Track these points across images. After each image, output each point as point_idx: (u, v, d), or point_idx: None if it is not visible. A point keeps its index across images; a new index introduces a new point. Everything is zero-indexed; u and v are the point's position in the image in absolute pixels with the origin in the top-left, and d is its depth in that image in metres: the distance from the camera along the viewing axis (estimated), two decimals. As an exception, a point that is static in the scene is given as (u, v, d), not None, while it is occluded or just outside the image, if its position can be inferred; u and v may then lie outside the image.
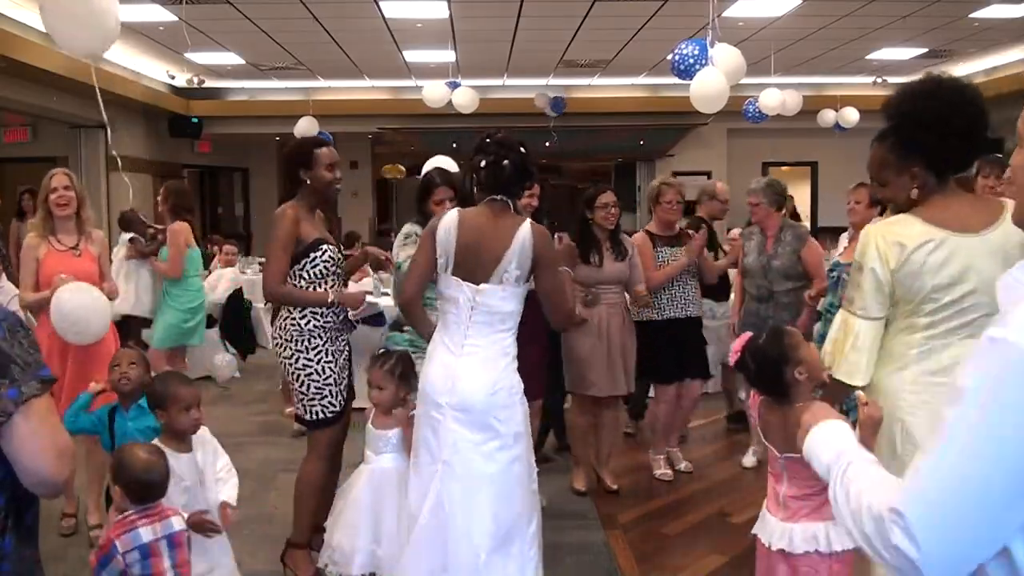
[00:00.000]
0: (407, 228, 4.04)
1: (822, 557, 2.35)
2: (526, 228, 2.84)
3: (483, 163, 2.92)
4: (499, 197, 2.93)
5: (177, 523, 2.57)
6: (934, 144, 2.25)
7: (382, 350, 3.43)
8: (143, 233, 6.16)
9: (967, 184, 3.91)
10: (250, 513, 4.50)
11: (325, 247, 3.54)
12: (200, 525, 2.70)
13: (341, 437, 3.69)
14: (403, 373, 3.33)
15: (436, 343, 2.96)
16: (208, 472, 2.96)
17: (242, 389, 7.30)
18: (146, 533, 2.47)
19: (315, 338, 3.51)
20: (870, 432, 2.25)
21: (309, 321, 3.51)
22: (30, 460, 1.50)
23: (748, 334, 2.66)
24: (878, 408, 2.24)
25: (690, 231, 5.08)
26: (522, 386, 2.95)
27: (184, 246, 5.66)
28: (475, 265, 2.86)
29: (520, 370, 2.97)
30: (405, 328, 3.90)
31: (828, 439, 1.42)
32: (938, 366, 2.23)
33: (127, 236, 6.25)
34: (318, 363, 3.51)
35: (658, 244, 4.91)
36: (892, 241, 2.27)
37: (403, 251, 3.92)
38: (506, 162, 2.89)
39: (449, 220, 2.91)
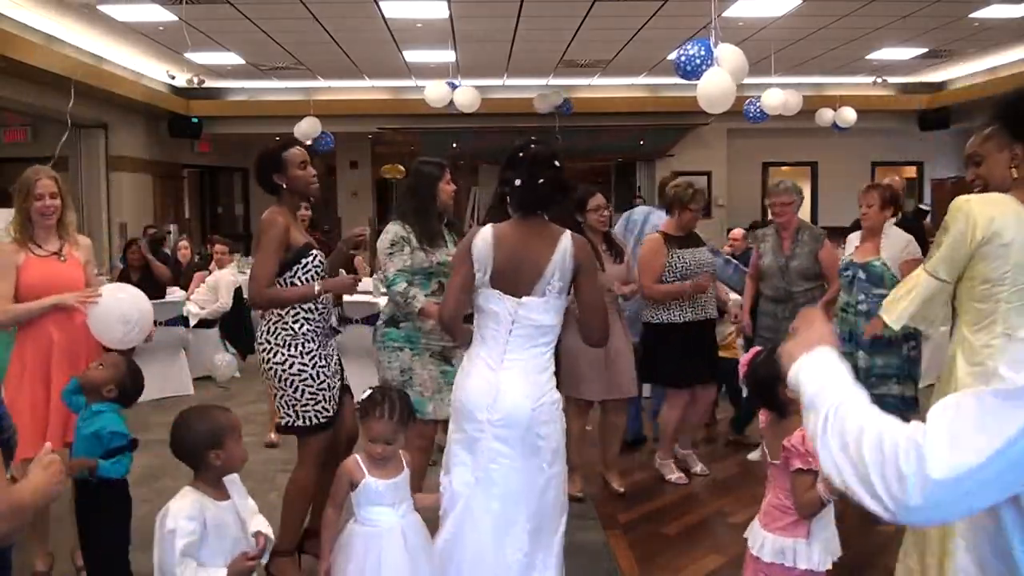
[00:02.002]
0: (394, 231, 3.87)
1: (786, 571, 2.43)
2: (567, 239, 2.80)
3: (517, 182, 2.84)
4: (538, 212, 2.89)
5: None
6: None
7: (368, 391, 2.83)
8: None
9: None
10: (250, 513, 4.51)
11: (315, 252, 3.52)
12: (244, 571, 2.41)
13: (333, 442, 3.63)
14: (408, 416, 2.82)
15: (473, 358, 2.88)
16: (246, 517, 2.53)
17: (242, 389, 7.30)
18: None
19: (309, 342, 3.46)
20: None
21: (302, 325, 3.46)
22: None
23: (756, 349, 2.71)
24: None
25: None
26: (562, 402, 2.91)
27: None
28: (516, 278, 2.80)
29: None
30: (402, 324, 3.86)
31: (816, 370, 1.37)
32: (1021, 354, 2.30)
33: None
34: (313, 368, 3.46)
35: (674, 246, 4.80)
36: (986, 213, 2.33)
37: (391, 262, 3.80)
38: (542, 181, 2.82)
39: (485, 234, 2.84)
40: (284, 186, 3.53)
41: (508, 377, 2.79)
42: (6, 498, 1.57)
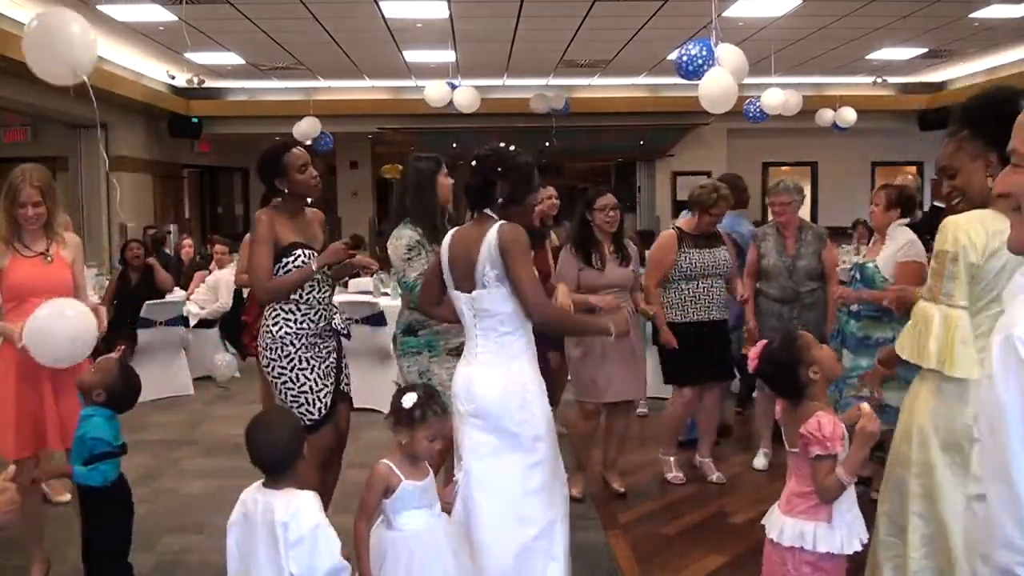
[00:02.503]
0: (408, 235, 3.78)
1: (805, 554, 2.44)
2: (494, 230, 2.87)
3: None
4: (484, 211, 2.99)
5: None
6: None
7: (411, 394, 2.68)
8: None
9: None
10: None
11: (299, 252, 3.49)
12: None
13: (331, 441, 3.63)
14: (445, 406, 2.78)
15: (462, 357, 3.04)
16: None
17: (242, 389, 7.29)
18: None
19: (287, 345, 3.47)
20: (865, 444, 2.35)
21: (280, 328, 3.48)
22: None
23: (764, 341, 2.75)
24: (876, 423, 2.32)
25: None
26: (541, 389, 2.94)
27: None
28: (463, 275, 2.93)
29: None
30: (420, 332, 3.81)
31: None
32: None
33: None
34: (291, 371, 3.47)
35: (686, 245, 4.78)
36: (980, 230, 2.28)
37: (410, 267, 3.71)
38: (469, 183, 2.99)
39: (447, 238, 3.03)
40: (286, 190, 3.55)
41: (478, 369, 2.90)
42: None
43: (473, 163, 2.98)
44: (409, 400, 2.64)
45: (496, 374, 2.87)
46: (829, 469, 2.39)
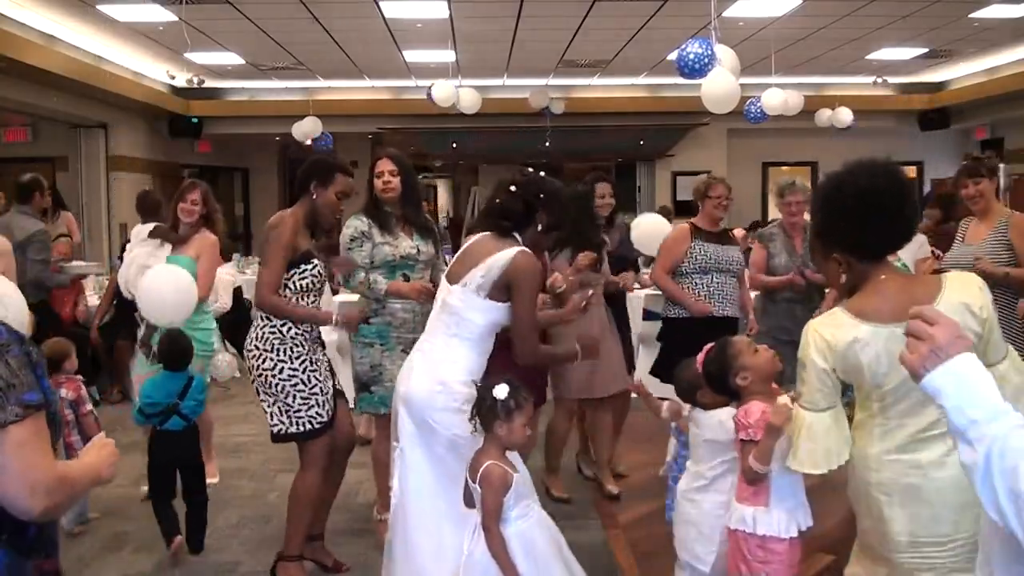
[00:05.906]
0: (354, 225, 3.92)
1: (753, 538, 2.61)
2: (509, 252, 2.88)
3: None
4: (504, 225, 3.01)
5: None
6: (845, 229, 2.29)
7: (507, 390, 2.64)
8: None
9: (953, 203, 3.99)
10: (249, 514, 4.51)
11: (315, 261, 3.53)
12: None
13: (333, 445, 3.61)
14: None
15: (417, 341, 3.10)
16: None
17: (242, 389, 7.30)
18: None
19: (298, 346, 3.46)
20: (769, 436, 2.48)
21: (290, 328, 3.45)
22: (2, 490, 1.48)
23: (708, 347, 2.90)
24: (782, 416, 2.42)
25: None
26: (466, 396, 2.80)
27: None
28: (458, 270, 2.96)
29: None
30: (372, 320, 3.86)
31: (961, 386, 1.34)
32: (894, 444, 2.24)
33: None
34: (303, 372, 3.45)
35: (701, 239, 4.73)
36: (825, 340, 2.28)
37: (352, 257, 3.88)
38: (507, 206, 3.02)
39: (473, 239, 3.07)
40: (314, 197, 3.54)
41: (419, 358, 2.95)
42: (53, 472, 1.53)
43: (512, 188, 3.00)
44: (502, 391, 2.64)
45: (430, 368, 2.88)
46: (749, 453, 2.58)
